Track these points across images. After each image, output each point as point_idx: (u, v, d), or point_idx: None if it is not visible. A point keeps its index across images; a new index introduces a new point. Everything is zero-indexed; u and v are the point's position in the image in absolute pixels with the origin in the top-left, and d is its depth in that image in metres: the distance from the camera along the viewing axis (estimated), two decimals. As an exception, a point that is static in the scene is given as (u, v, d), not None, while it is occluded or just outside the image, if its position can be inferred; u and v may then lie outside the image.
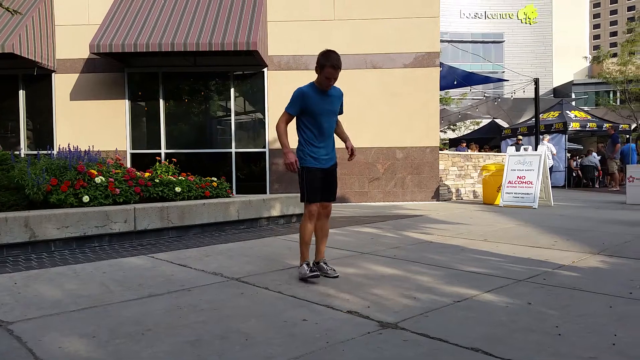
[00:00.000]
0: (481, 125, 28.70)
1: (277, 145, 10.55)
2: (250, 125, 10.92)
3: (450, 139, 29.17)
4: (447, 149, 20.89)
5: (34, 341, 2.40)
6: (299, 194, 7.38)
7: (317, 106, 3.60)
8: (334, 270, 3.72)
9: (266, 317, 2.77)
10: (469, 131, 30.94)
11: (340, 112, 3.87)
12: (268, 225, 6.81)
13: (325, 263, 3.78)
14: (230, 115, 10.69)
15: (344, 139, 3.97)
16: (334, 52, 3.53)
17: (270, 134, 10.52)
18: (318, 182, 3.65)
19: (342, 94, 3.84)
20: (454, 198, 11.81)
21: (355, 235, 5.78)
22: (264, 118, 10.59)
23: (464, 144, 18.84)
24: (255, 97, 10.80)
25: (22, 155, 6.97)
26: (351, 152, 3.83)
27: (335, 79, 3.56)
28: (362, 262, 4.24)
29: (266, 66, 10.49)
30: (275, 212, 6.89)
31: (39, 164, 5.26)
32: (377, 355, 2.20)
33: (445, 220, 7.22)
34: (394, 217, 7.65)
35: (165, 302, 3.06)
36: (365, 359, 2.16)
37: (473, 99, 26.19)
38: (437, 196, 10.69)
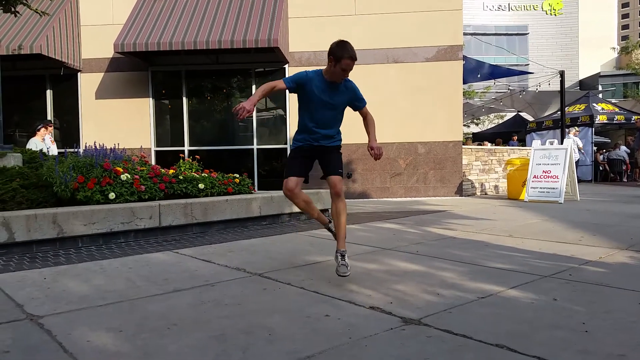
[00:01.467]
0: (506, 119, 28.25)
1: (299, 141, 10.57)
2: (271, 121, 10.98)
3: (473, 133, 28.80)
4: (470, 143, 20.63)
5: (63, 335, 2.46)
6: (320, 190, 7.42)
7: (316, 96, 3.48)
8: (346, 267, 3.33)
9: (289, 312, 2.78)
10: (493, 125, 30.50)
11: (361, 105, 3.75)
12: (290, 221, 6.84)
13: (342, 255, 3.41)
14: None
15: (369, 136, 3.78)
16: (348, 42, 3.42)
17: (291, 130, 10.55)
18: (298, 159, 3.67)
19: (355, 88, 3.66)
20: (478, 193, 11.66)
21: (376, 231, 5.77)
22: (285, 114, 10.63)
23: (515, 138, 18.55)
24: (277, 94, 10.82)
25: (50, 154, 7.15)
26: (375, 154, 3.63)
27: (349, 71, 3.44)
28: (384, 258, 4.23)
29: (287, 62, 10.52)
30: (297, 208, 6.90)
31: (66, 162, 5.38)
32: (401, 351, 2.19)
33: (468, 216, 7.14)
34: (416, 213, 7.60)
35: (190, 297, 3.10)
36: (388, 355, 2.16)
37: (497, 92, 25.78)
38: (460, 191, 10.58)
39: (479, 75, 15.51)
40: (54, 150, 8.73)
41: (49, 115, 10.98)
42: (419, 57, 10.46)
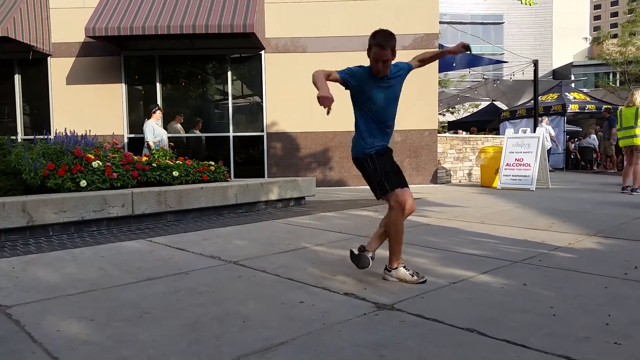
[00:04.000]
0: (480, 107, 28.61)
1: (275, 129, 10.52)
2: (248, 108, 10.87)
3: (449, 122, 29.09)
4: (445, 132, 20.83)
5: (33, 325, 2.41)
6: (296, 178, 7.41)
7: (371, 92, 3.13)
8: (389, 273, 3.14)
9: (264, 299, 2.79)
10: (468, 114, 30.85)
11: (409, 68, 3.40)
12: (266, 209, 6.83)
13: (385, 268, 3.20)
14: (227, 99, 10.64)
15: (443, 51, 3.70)
16: (381, 30, 3.09)
17: (268, 117, 10.48)
18: (393, 163, 3.19)
19: (405, 68, 3.31)
20: (452, 181, 11.82)
21: (353, 219, 5.80)
22: (262, 101, 10.54)
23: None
24: (253, 80, 10.73)
25: (19, 140, 6.95)
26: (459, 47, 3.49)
27: (386, 61, 3.04)
28: (359, 244, 4.24)
29: (263, 49, 10.40)
30: (273, 196, 6.90)
31: (36, 148, 5.24)
32: (373, 336, 2.22)
33: (442, 203, 7.23)
34: (392, 200, 7.65)
35: (164, 286, 3.07)
36: (361, 339, 2.18)
37: (472, 81, 26.07)
38: (435, 179, 10.70)
39: (454, 64, 15.62)
40: (160, 133, 8.90)
41: (17, 101, 10.65)
42: (397, 45, 10.44)
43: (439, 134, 11.17)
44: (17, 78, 10.68)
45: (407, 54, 10.32)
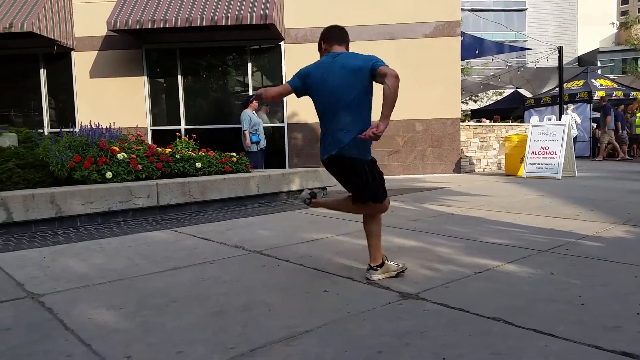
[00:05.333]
0: (504, 95, 28.10)
1: (296, 119, 10.53)
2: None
3: (472, 110, 28.68)
4: (468, 120, 20.55)
5: (64, 313, 2.48)
6: (317, 168, 7.40)
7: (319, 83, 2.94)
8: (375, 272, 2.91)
9: (288, 288, 2.81)
10: (491, 102, 30.35)
11: (376, 64, 2.81)
12: (288, 200, 6.85)
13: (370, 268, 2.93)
14: (248, 90, 10.66)
15: (381, 112, 2.72)
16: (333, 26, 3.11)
17: (289, 108, 10.48)
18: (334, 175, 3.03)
19: (368, 58, 2.88)
20: (476, 170, 11.67)
21: (375, 208, 5.77)
22: (282, 92, 10.52)
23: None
24: (273, 71, 10.73)
25: (46, 133, 7.10)
26: (371, 130, 2.66)
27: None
28: (382, 234, 4.23)
29: (283, 39, 10.39)
30: (295, 186, 6.91)
31: (62, 141, 5.35)
32: (397, 325, 2.21)
33: (466, 192, 7.15)
34: (414, 190, 7.61)
35: (190, 275, 3.12)
36: (386, 328, 2.18)
37: (496, 68, 25.58)
38: (458, 168, 10.58)
39: (477, 52, 15.35)
40: (257, 121, 8.78)
41: (43, 95, 10.87)
42: (416, 33, 10.33)
43: (461, 123, 11.03)
44: (43, 72, 10.88)
45: (429, 43, 10.24)
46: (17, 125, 8.81)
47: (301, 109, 10.46)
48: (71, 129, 5.98)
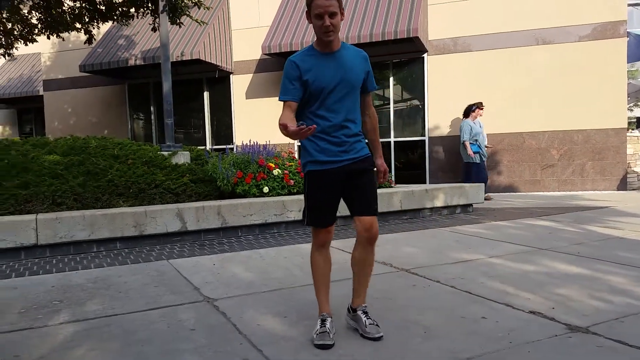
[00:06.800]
0: (679, 99, 24.40)
1: (437, 132, 10.34)
2: (408, 112, 10.86)
3: (638, 118, 25.40)
4: (632, 130, 18.23)
5: (236, 317, 2.75)
6: (463, 184, 7.17)
7: (320, 77, 2.41)
8: (376, 325, 2.40)
9: (442, 310, 2.77)
10: (663, 107, 26.55)
11: (372, 86, 2.57)
12: (431, 216, 6.74)
13: (365, 312, 2.48)
14: (389, 104, 10.76)
15: (375, 148, 2.66)
16: None
17: (430, 120, 10.34)
18: (326, 194, 2.47)
19: (367, 57, 2.55)
20: (646, 186, 10.31)
21: (529, 229, 5.42)
22: (423, 104, 10.44)
23: None
24: (414, 84, 10.69)
25: (209, 150, 7.94)
26: (383, 174, 2.62)
27: (332, 14, 2.29)
28: (541, 258, 3.97)
29: (426, 51, 10.31)
30: (439, 203, 6.78)
31: (227, 159, 5.94)
32: (569, 361, 2.06)
33: (636, 213, 6.36)
34: (573, 209, 6.98)
35: (341, 289, 3.24)
36: (556, 364, 2.04)
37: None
38: (624, 185, 9.45)
39: (646, 53, 13.58)
40: (483, 132, 9.05)
41: (206, 115, 12.16)
42: (572, 36, 9.51)
43: (628, 134, 9.84)
44: (206, 95, 12.20)
45: (589, 46, 9.39)
46: (184, 142, 9.99)
47: (442, 122, 10.26)
48: (231, 146, 6.60)
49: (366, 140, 2.59)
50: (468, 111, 8.79)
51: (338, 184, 2.45)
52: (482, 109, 8.85)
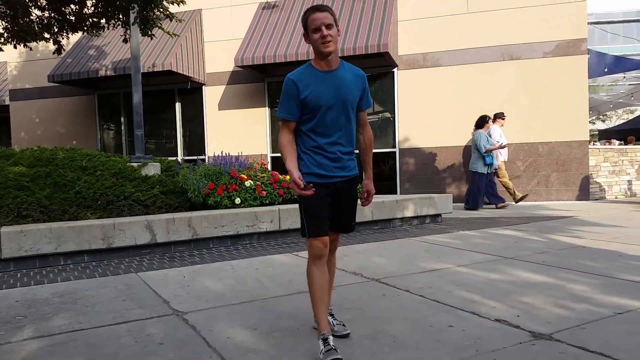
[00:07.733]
0: (637, 114, 25.47)
1: (407, 144, 10.51)
2: (379, 125, 11.01)
3: (599, 130, 26.35)
4: (594, 142, 18.89)
5: (206, 331, 2.73)
6: (432, 194, 7.32)
7: (318, 95, 2.44)
8: (343, 325, 2.62)
9: (411, 320, 2.82)
10: (622, 121, 27.65)
11: (367, 105, 2.62)
12: (402, 226, 6.84)
13: (331, 314, 2.65)
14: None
15: (365, 170, 2.71)
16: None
17: (400, 133, 10.51)
18: (323, 203, 2.46)
19: (364, 76, 2.60)
20: (607, 197, 10.69)
21: (496, 238, 5.56)
22: (394, 117, 10.61)
23: None
24: (385, 97, 10.85)
25: (179, 160, 7.88)
26: (367, 195, 2.65)
27: (328, 25, 2.40)
28: (507, 267, 4.08)
29: (396, 66, 10.50)
30: (409, 213, 6.89)
31: (198, 170, 5.90)
32: (532, 367, 2.13)
33: (598, 223, 6.59)
34: (538, 219, 7.18)
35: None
36: (519, 370, 2.11)
37: (630, 84, 23.36)
38: (586, 195, 9.78)
39: (605, 69, 14.16)
40: (503, 141, 9.22)
41: (178, 126, 12.06)
42: (537, 52, 9.86)
43: (590, 146, 10.21)
44: (178, 106, 12.10)
45: (553, 62, 9.74)
46: (155, 153, 9.88)
47: (412, 134, 10.44)
48: (202, 157, 6.56)
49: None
50: (482, 122, 9.04)
51: (329, 197, 2.50)
52: (503, 119, 9.27)
